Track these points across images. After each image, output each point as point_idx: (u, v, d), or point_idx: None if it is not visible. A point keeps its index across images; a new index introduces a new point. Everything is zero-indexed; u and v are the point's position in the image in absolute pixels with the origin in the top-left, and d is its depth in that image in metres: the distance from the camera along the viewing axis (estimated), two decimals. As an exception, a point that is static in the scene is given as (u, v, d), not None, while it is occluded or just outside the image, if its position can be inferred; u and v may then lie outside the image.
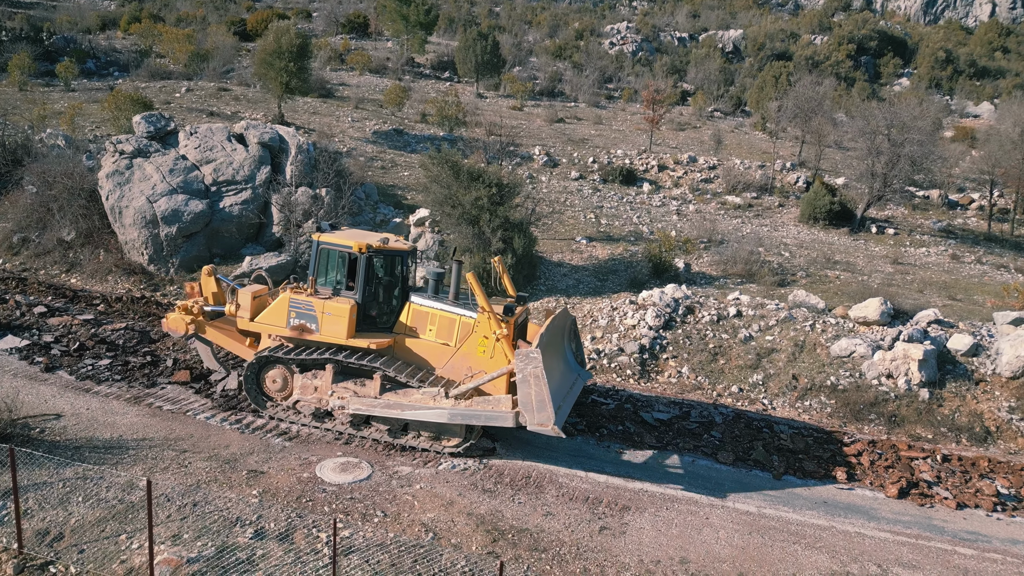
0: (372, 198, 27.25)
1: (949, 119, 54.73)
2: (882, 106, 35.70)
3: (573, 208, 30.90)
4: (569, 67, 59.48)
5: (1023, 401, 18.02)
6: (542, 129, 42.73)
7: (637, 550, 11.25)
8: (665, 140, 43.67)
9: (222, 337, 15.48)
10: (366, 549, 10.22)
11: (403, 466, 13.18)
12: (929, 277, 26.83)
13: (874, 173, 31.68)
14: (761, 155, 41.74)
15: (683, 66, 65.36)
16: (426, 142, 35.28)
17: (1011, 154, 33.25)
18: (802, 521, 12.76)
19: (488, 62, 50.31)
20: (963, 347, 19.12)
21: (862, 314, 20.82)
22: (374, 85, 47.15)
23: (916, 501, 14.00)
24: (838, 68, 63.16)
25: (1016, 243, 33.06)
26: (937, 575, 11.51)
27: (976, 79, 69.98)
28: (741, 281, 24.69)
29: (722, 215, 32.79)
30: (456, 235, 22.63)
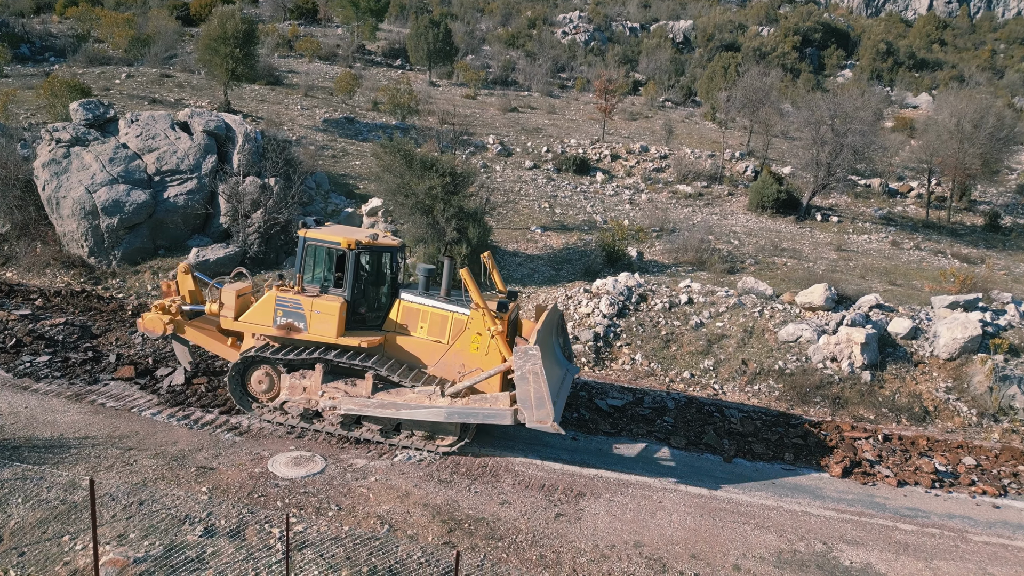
0: (323, 187, 26.79)
1: (889, 110, 56.45)
2: (826, 97, 36.58)
3: (528, 198, 30.93)
4: (522, 56, 59.40)
5: (959, 382, 18.80)
6: (496, 118, 42.60)
7: (592, 535, 11.38)
8: (618, 130, 44.02)
9: (202, 337, 14.89)
10: (320, 543, 10.10)
11: (358, 459, 13.05)
12: (871, 263, 27.72)
13: (819, 162, 32.52)
14: (711, 145, 42.43)
15: (635, 56, 65.92)
16: (378, 130, 34.81)
17: (947, 144, 34.49)
18: (751, 502, 13.09)
19: (440, 50, 49.88)
20: (903, 330, 19.82)
21: (808, 300, 21.40)
22: (324, 72, 46.27)
23: (859, 480, 14.49)
24: (784, 59, 64.51)
25: (952, 230, 34.39)
26: (879, 551, 11.94)
27: (915, 71, 72.33)
28: (692, 269, 25.10)
29: (673, 204, 33.26)
30: (410, 225, 22.42)
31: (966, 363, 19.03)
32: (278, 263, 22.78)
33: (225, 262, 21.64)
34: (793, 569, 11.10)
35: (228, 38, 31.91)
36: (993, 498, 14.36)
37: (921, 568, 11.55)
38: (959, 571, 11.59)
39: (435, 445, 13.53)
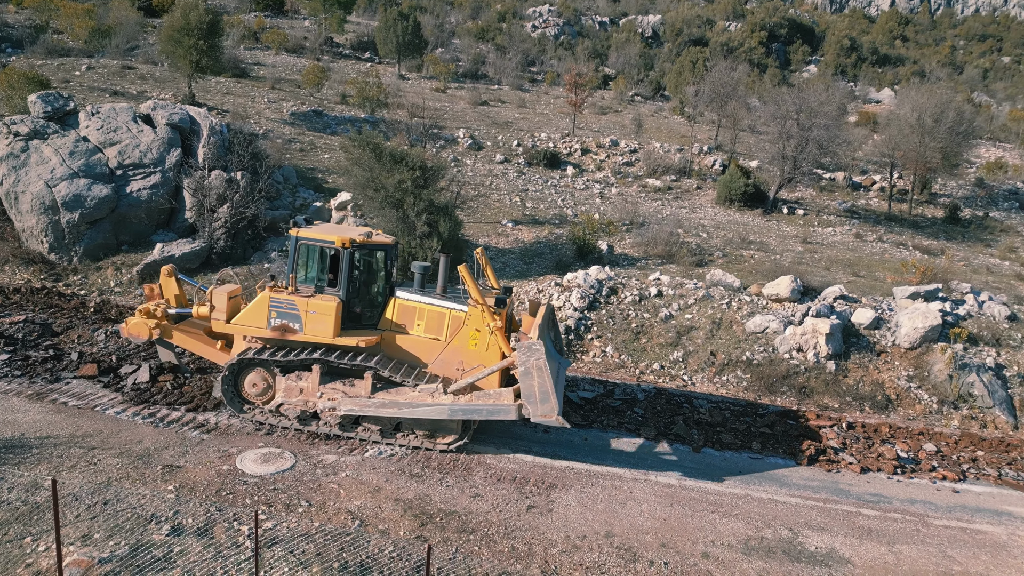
0: (291, 181, 26.47)
1: (853, 104, 57.42)
2: (792, 92, 37.11)
3: (498, 191, 30.90)
4: (492, 49, 59.21)
5: (920, 370, 19.27)
6: (466, 112, 42.44)
7: (564, 526, 11.46)
8: (588, 124, 44.15)
9: (190, 341, 14.60)
10: (290, 540, 10.02)
11: (328, 455, 12.96)
12: (835, 255, 28.24)
13: (785, 156, 32.98)
14: (680, 139, 42.78)
15: (604, 50, 66.12)
16: (347, 124, 34.46)
17: (909, 138, 35.24)
18: (720, 491, 13.29)
19: (410, 43, 49.48)
20: (866, 321, 20.25)
21: (774, 291, 21.74)
22: (291, 65, 45.64)
23: (824, 467, 14.79)
24: (751, 54, 65.25)
25: (914, 222, 35.16)
26: (843, 536, 12.21)
27: (878, 66, 73.67)
28: (661, 262, 25.32)
29: (643, 198, 33.48)
30: (379, 219, 22.28)
31: (927, 352, 19.51)
32: (245, 258, 22.48)
33: (190, 257, 21.29)
34: (760, 555, 11.30)
35: (192, 29, 31.27)
36: (953, 483, 14.77)
37: (884, 552, 11.83)
38: (920, 554, 11.91)
39: (435, 443, 13.45)
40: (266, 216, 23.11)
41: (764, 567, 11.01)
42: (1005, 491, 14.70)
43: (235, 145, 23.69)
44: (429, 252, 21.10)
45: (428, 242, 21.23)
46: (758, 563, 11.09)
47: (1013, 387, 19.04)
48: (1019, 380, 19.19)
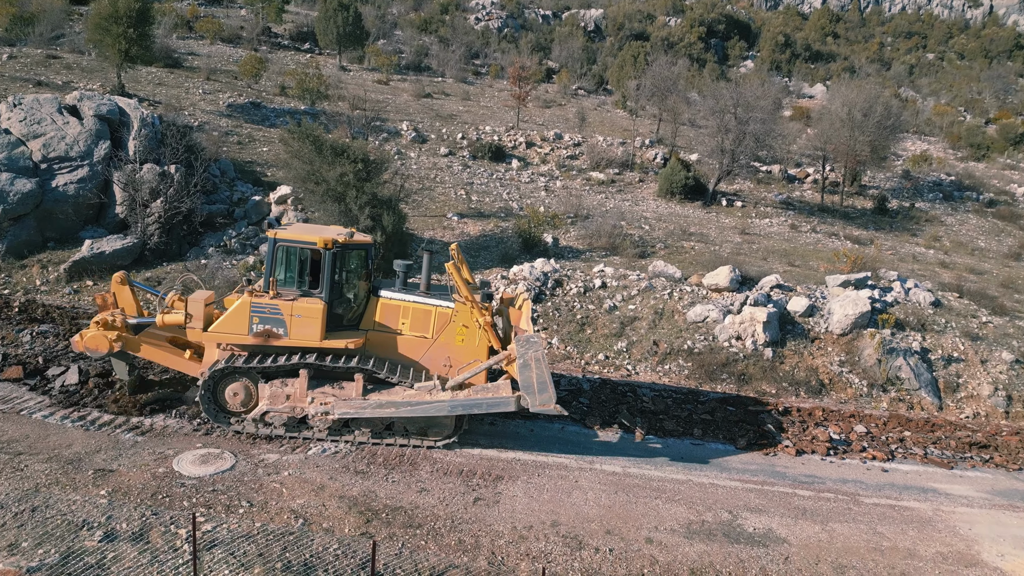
0: (228, 175, 25.76)
1: (788, 99, 59.13)
2: (729, 87, 37.98)
3: (443, 184, 30.74)
4: (435, 41, 58.76)
5: (851, 355, 20.04)
6: (409, 104, 42.04)
7: (511, 517, 11.52)
8: (532, 117, 44.28)
9: (156, 352, 13.83)
10: (231, 541, 9.80)
11: (270, 454, 12.71)
12: (772, 246, 29.09)
13: (723, 149, 33.78)
14: (622, 132, 43.34)
15: (548, 44, 66.38)
16: (286, 116, 33.72)
17: (840, 132, 36.52)
18: (663, 477, 13.57)
19: (351, 34, 48.69)
20: (800, 308, 20.94)
21: (714, 281, 22.27)
22: (227, 55, 44.36)
23: (762, 451, 15.26)
24: (691, 49, 66.49)
25: (845, 213, 36.48)
26: (780, 516, 12.63)
27: (811, 62, 76.04)
28: (605, 254, 25.64)
29: (587, 191, 33.81)
30: (321, 213, 21.89)
31: (857, 338, 20.30)
32: (181, 255, 21.80)
33: (122, 254, 20.53)
34: (702, 539, 11.60)
35: (120, 17, 30.02)
36: (882, 463, 15.43)
37: (818, 531, 12.29)
38: (852, 532, 12.41)
39: (430, 440, 13.40)
40: (202, 211, 22.45)
41: (705, 550, 11.30)
42: (930, 469, 15.43)
43: (168, 137, 22.90)
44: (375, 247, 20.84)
45: (372, 236, 20.95)
46: (700, 546, 11.38)
47: (937, 370, 19.99)
48: (943, 363, 20.16)
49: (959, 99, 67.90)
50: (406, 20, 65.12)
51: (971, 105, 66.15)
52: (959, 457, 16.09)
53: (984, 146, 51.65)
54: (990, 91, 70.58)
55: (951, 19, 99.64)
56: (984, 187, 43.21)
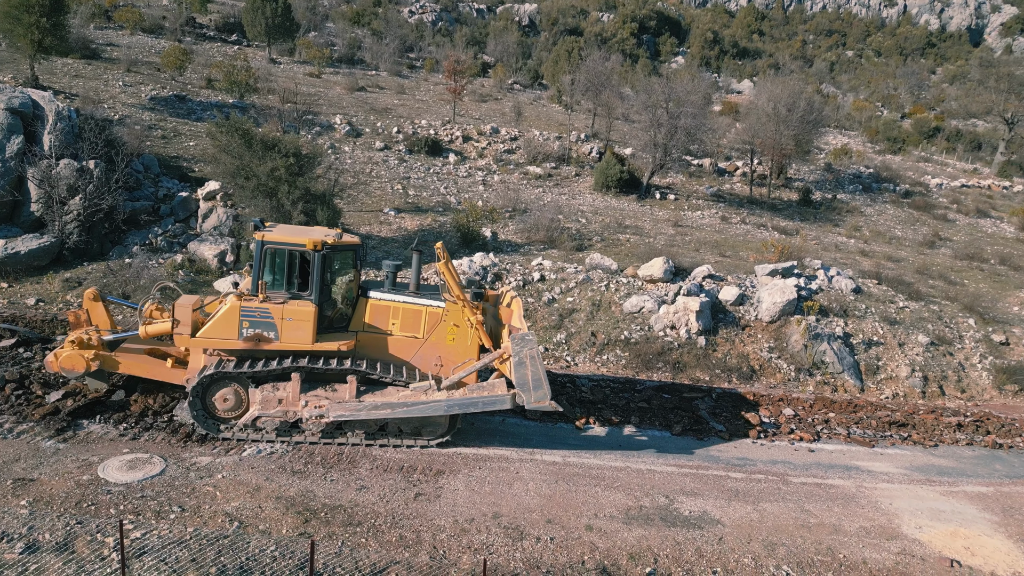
0: (153, 170, 24.79)
1: (717, 95, 60.79)
2: (661, 82, 38.75)
3: (379, 179, 30.37)
4: (368, 34, 57.89)
5: (780, 341, 20.80)
6: (342, 98, 41.31)
7: (452, 511, 11.52)
8: (468, 111, 44.15)
9: (136, 366, 13.44)
10: (162, 548, 9.47)
11: (202, 456, 12.33)
12: (704, 237, 29.87)
13: (656, 144, 34.46)
14: (558, 127, 43.67)
15: (482, 38, 66.27)
16: (213, 109, 32.63)
17: (766, 126, 37.76)
18: (602, 465, 13.81)
19: (280, 25, 47.46)
20: (731, 297, 21.59)
21: (649, 273, 22.73)
22: (149, 46, 42.62)
23: (696, 436, 15.69)
24: (623, 45, 67.49)
25: (772, 205, 37.75)
26: (714, 499, 13.03)
27: (738, 59, 78.25)
28: (544, 247, 25.83)
29: (525, 185, 33.95)
30: (252, 209, 21.33)
31: (785, 324, 21.08)
32: (103, 254, 20.89)
33: (38, 254, 19.54)
34: (640, 523, 11.85)
35: (33, 6, 28.43)
36: (809, 443, 16.09)
37: (750, 511, 12.73)
38: (781, 510, 12.90)
39: (423, 440, 13.41)
40: (125, 208, 21.56)
41: (643, 534, 11.56)
42: (853, 448, 16.18)
43: (86, 132, 21.86)
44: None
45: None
46: (638, 531, 11.63)
47: (859, 353, 20.95)
48: (864, 347, 21.14)
49: (876, 95, 71.13)
50: (338, 12, 63.91)
51: (888, 101, 69.40)
52: (880, 436, 16.92)
53: (900, 140, 54.30)
54: (905, 87, 74.20)
55: (868, 18, 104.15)
56: (900, 179, 45.42)
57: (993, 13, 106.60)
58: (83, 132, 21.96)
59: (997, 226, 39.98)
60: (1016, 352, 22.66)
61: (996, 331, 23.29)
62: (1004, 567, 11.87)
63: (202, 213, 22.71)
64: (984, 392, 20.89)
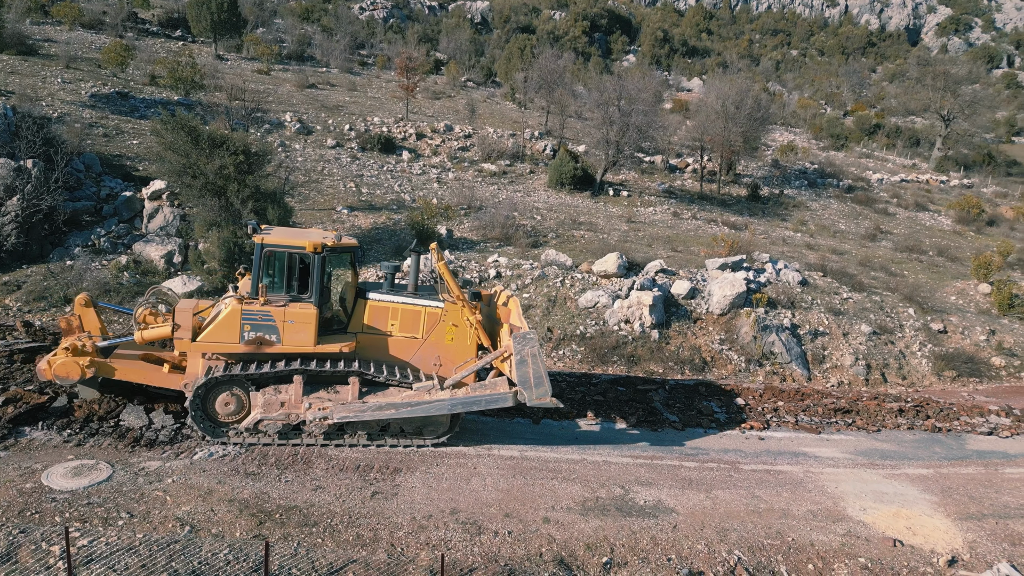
0: (94, 169, 24.03)
1: (668, 93, 61.74)
2: (613, 80, 39.21)
3: (332, 177, 30.01)
4: (318, 31, 57.08)
5: (730, 333, 21.28)
6: (292, 95, 40.68)
7: (409, 509, 11.49)
8: (421, 108, 43.94)
9: (133, 372, 13.24)
10: (110, 555, 9.23)
11: (151, 461, 12.04)
12: (656, 233, 30.35)
13: (609, 141, 34.86)
14: (512, 124, 43.79)
15: (435, 35, 65.99)
16: (158, 107, 31.77)
17: (715, 124, 38.54)
18: (558, 458, 13.94)
19: (226, 21, 46.46)
20: (683, 291, 22.00)
21: (603, 268, 23.00)
22: (89, 42, 41.28)
23: (650, 427, 15.96)
24: (575, 43, 67.98)
25: (722, 200, 38.56)
26: (668, 488, 13.28)
27: (688, 57, 79.56)
28: (499, 244, 25.90)
29: (480, 182, 33.97)
30: (200, 208, 20.87)
31: (735, 317, 21.57)
32: (43, 256, 20.18)
33: (-26, 257, 18.76)
34: (596, 515, 12.02)
35: (-39, -3, 27.32)
36: (759, 431, 16.51)
37: (703, 499, 13.02)
38: (733, 497, 13.23)
39: (422, 440, 13.50)
40: (65, 208, 20.86)
41: (600, 525, 11.72)
42: (801, 435, 16.67)
43: (23, 130, 21.09)
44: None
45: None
46: (595, 522, 11.79)
47: (806, 343, 21.58)
48: (810, 337, 21.77)
49: (820, 93, 73.18)
50: (286, 8, 62.84)
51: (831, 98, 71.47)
52: (826, 422, 17.47)
53: (843, 136, 56.01)
54: (847, 85, 76.52)
55: (812, 17, 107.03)
56: (843, 174, 46.87)
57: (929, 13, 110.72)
58: (20, 130, 21.19)
59: (935, 219, 41.58)
60: (953, 340, 23.64)
61: (934, 320, 24.25)
62: (943, 545, 12.40)
63: (147, 213, 22.13)
64: (924, 378, 21.74)
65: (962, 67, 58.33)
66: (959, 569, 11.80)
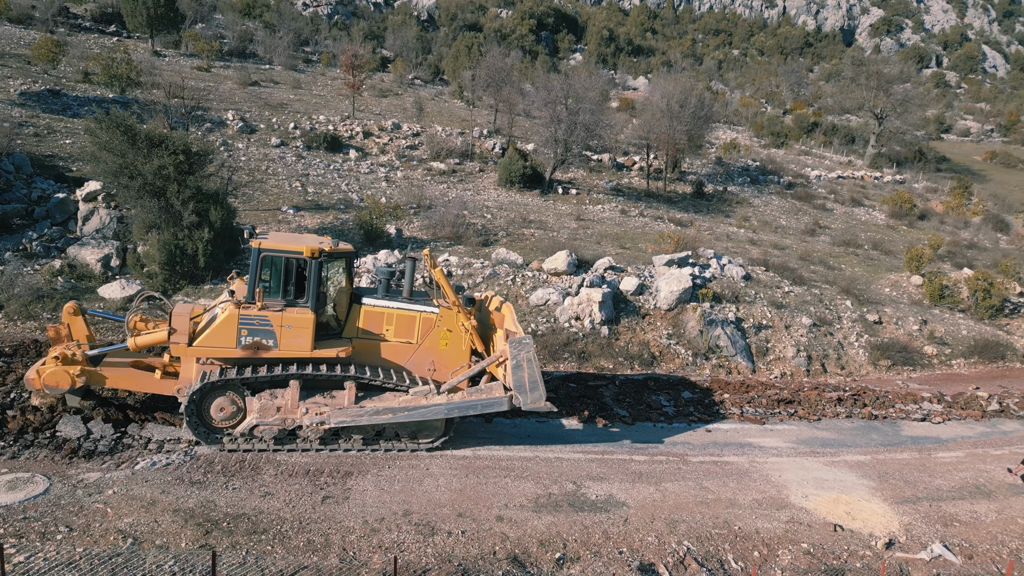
0: (25, 170, 23.04)
1: (614, 91, 62.48)
2: (560, 78, 39.48)
3: (277, 177, 29.44)
4: (260, 27, 55.85)
5: (677, 328, 21.70)
6: (235, 92, 39.73)
7: (361, 512, 11.40)
8: (368, 106, 43.45)
9: (124, 379, 13.14)
10: (48, 571, 8.90)
11: (90, 473, 11.64)
12: (604, 230, 30.71)
13: (557, 139, 35.10)
14: (460, 123, 43.68)
15: (381, 32, 65.32)
16: (92, 105, 30.65)
17: (661, 122, 39.17)
18: (511, 456, 14.01)
19: (163, 16, 45.06)
20: (632, 287, 22.33)
21: (553, 266, 23.17)
22: (17, 37, 39.52)
23: (601, 423, 16.17)
24: (522, 42, 68.18)
25: (668, 197, 39.25)
26: (619, 482, 13.49)
27: (633, 56, 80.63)
28: (450, 243, 25.82)
29: (429, 181, 33.80)
30: (139, 210, 20.22)
31: (682, 312, 22.01)
32: (-30, 261, 19.25)
33: None
34: (549, 511, 12.13)
35: None
36: (706, 424, 16.90)
37: (652, 491, 13.27)
38: (682, 489, 13.52)
39: (416, 443, 13.62)
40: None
41: (553, 521, 11.84)
42: (746, 426, 17.13)
43: (-55, 128, 20.08)
44: (200, 243, 19.61)
45: (198, 232, 19.70)
46: (547, 518, 11.90)
47: (750, 336, 22.16)
48: (754, 330, 22.37)
49: (761, 92, 75.10)
50: (226, 3, 61.27)
51: (771, 97, 73.42)
52: (769, 413, 17.99)
53: (783, 134, 57.62)
54: (786, 84, 78.71)
55: (752, 18, 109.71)
56: (784, 171, 48.23)
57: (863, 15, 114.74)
58: (-59, 129, 20.15)
59: (870, 214, 43.17)
60: (888, 330, 24.60)
61: (870, 311, 25.19)
62: (880, 528, 12.92)
63: (82, 215, 21.33)
64: (861, 368, 22.57)
65: (894, 67, 60.62)
66: (896, 551, 12.32)
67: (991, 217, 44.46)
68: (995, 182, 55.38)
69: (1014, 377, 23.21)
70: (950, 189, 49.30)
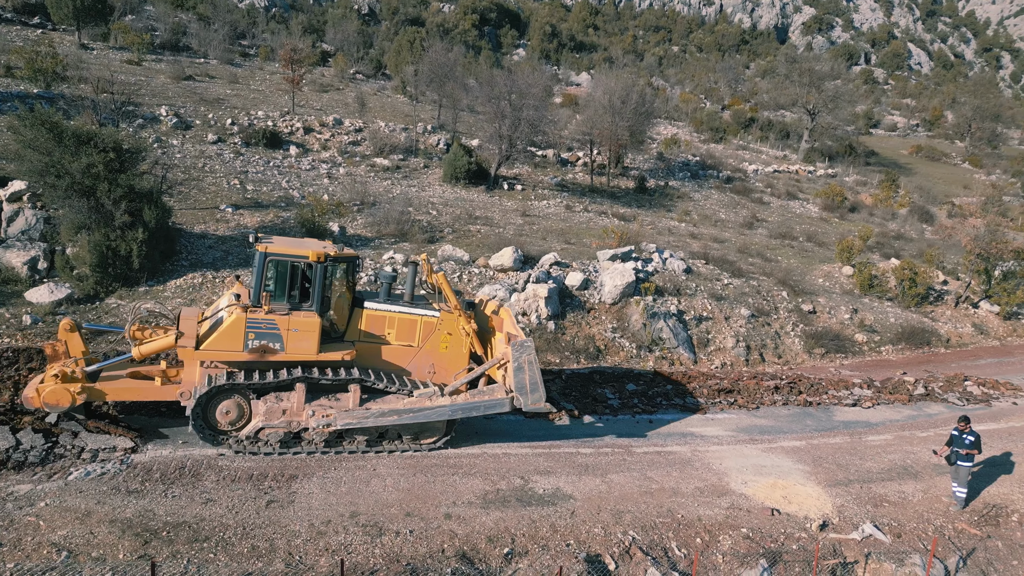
0: (-59, 170, 21.84)
1: (558, 87, 62.89)
2: (504, 74, 39.53)
3: (214, 174, 28.67)
4: (194, 19, 54.16)
5: (622, 322, 22.07)
6: (168, 87, 38.46)
7: (307, 515, 11.27)
8: (308, 102, 42.67)
9: (125, 391, 13.12)
10: (-25, 591, 8.56)
11: (20, 485, 11.18)
12: (550, 226, 30.95)
13: (501, 135, 35.15)
14: (404, 118, 43.30)
15: (321, 26, 64.14)
16: (14, 100, 29.25)
17: (603, 118, 39.64)
18: (459, 453, 14.06)
19: (91, 7, 43.20)
20: (577, 283, 22.60)
21: (499, 262, 23.26)
22: (-72, 26, 37.35)
23: (548, 417, 16.34)
24: (465, 36, 67.94)
25: (612, 193, 39.77)
26: (566, 475, 13.69)
27: (576, 52, 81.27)
28: (395, 241, 25.62)
29: (372, 177, 33.43)
30: (67, 210, 19.43)
31: (626, 306, 22.40)
32: None
33: None
34: (497, 506, 12.23)
35: None
36: (649, 415, 17.28)
37: (599, 483, 13.51)
38: (627, 480, 13.80)
39: (419, 444, 13.93)
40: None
41: (501, 516, 11.94)
42: (688, 416, 17.58)
43: None
44: (134, 244, 18.98)
45: (132, 233, 19.06)
46: (496, 514, 11.99)
47: (691, 328, 22.70)
48: (695, 322, 22.93)
49: (700, 88, 76.69)
50: (158, -6, 59.12)
51: (710, 93, 75.06)
52: (710, 403, 18.50)
53: (721, 129, 59.00)
54: (724, 81, 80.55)
55: (690, 15, 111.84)
56: (723, 166, 49.43)
57: (795, 13, 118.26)
58: None
59: (804, 207, 44.64)
60: (821, 319, 25.55)
61: (805, 302, 26.11)
62: (815, 511, 13.46)
63: (6, 216, 20.36)
64: (797, 356, 23.40)
65: (825, 64, 62.68)
66: (830, 532, 12.86)
67: (917, 209, 46.54)
68: (920, 175, 57.98)
69: (938, 362, 24.43)
70: (878, 182, 51.35)
